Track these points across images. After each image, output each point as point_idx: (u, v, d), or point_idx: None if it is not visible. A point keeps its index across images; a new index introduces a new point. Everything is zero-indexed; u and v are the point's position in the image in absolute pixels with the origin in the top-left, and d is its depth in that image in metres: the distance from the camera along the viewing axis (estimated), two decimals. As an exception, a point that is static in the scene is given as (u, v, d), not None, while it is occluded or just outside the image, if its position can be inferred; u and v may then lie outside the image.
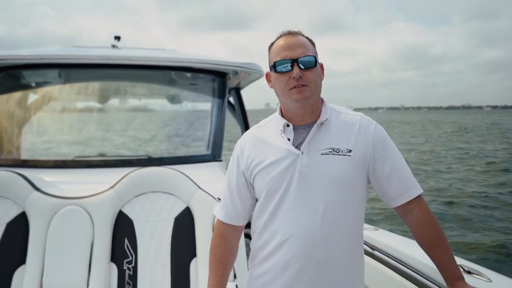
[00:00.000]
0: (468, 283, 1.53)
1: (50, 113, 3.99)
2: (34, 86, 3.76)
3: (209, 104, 3.81)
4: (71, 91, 3.88)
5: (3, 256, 2.19)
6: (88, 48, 3.88)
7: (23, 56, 3.25)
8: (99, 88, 4.07)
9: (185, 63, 3.43)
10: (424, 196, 1.59)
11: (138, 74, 3.78)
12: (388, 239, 2.45)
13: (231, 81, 4.02)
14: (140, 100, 4.91)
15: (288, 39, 1.53)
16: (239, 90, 4.97)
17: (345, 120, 1.58)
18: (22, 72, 3.49)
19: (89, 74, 3.71)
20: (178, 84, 3.94)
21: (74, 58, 3.27)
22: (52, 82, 3.68)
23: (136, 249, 2.30)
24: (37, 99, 3.80)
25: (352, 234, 1.53)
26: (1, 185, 2.30)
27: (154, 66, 3.44)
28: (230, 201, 1.67)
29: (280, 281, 1.52)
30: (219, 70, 3.59)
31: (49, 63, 3.32)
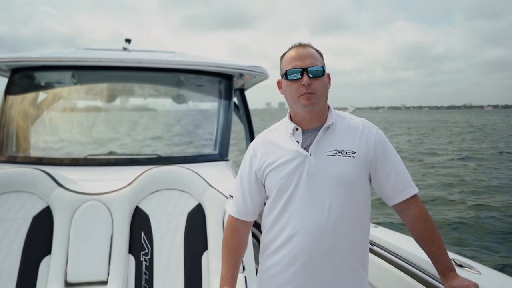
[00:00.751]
0: (459, 275, 1.69)
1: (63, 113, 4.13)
2: (48, 87, 3.89)
3: (216, 105, 3.94)
4: (84, 92, 4.01)
5: (30, 246, 2.36)
6: (100, 50, 4.02)
7: (39, 58, 3.38)
8: (110, 89, 4.21)
9: (193, 66, 3.56)
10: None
11: (148, 76, 3.92)
12: (387, 235, 2.59)
13: (236, 82, 4.14)
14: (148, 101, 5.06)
15: (299, 50, 1.68)
16: (243, 91, 5.10)
17: (349, 125, 1.73)
18: (37, 74, 3.63)
19: (102, 76, 3.86)
20: (186, 85, 4.07)
21: (89, 61, 3.41)
22: (66, 83, 3.81)
23: (152, 242, 2.46)
24: (51, 100, 3.93)
25: (356, 229, 1.66)
26: (27, 182, 2.47)
27: (164, 68, 3.59)
28: (242, 199, 1.82)
29: (289, 271, 1.66)
30: (225, 73, 3.72)
31: (64, 65, 3.47)
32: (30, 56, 3.40)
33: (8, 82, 3.47)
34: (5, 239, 2.34)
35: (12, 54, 3.49)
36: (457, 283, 1.64)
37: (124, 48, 4.04)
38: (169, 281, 2.37)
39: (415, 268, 2.10)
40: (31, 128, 3.79)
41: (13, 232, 2.37)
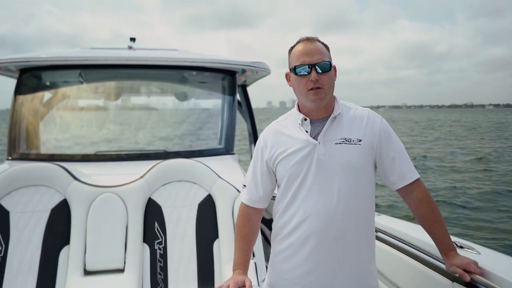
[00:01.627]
0: (459, 253, 1.79)
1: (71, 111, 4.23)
2: (56, 86, 3.98)
3: (220, 100, 4.04)
4: (91, 90, 4.10)
5: (50, 237, 2.46)
6: (105, 49, 4.11)
7: (46, 58, 3.47)
8: (116, 87, 4.30)
9: (198, 63, 3.65)
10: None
11: (153, 74, 4.02)
12: (389, 222, 2.69)
13: (238, 78, 4.23)
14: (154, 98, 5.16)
15: (307, 45, 1.75)
16: (245, 87, 5.20)
17: (355, 115, 1.82)
18: (45, 73, 3.72)
19: (108, 74, 3.95)
20: (191, 82, 4.16)
21: (95, 60, 3.51)
22: (73, 82, 3.90)
23: (165, 231, 2.56)
24: (59, 98, 4.02)
25: (363, 212, 1.76)
26: (45, 176, 2.57)
27: (169, 66, 3.68)
28: (254, 187, 1.91)
29: (300, 254, 1.75)
30: (229, 69, 3.81)
31: (71, 65, 3.56)
32: (38, 56, 3.49)
33: (17, 82, 3.57)
34: (25, 230, 2.45)
35: (20, 55, 3.58)
36: (458, 261, 1.74)
37: (129, 46, 4.13)
38: (183, 268, 2.47)
39: (418, 250, 2.20)
40: (40, 126, 3.88)
41: (33, 224, 2.47)
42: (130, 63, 3.55)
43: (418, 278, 2.15)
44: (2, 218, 2.45)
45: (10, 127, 3.45)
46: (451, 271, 1.79)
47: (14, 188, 2.53)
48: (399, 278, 2.40)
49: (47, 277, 2.37)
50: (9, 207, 2.49)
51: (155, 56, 3.63)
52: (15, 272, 2.36)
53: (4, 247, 2.39)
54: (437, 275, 1.97)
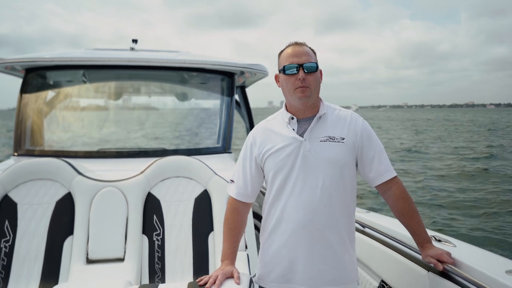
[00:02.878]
0: (434, 245, 1.94)
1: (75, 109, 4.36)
2: (60, 86, 4.09)
3: (218, 101, 4.17)
4: (94, 90, 4.23)
5: (55, 228, 2.62)
6: (108, 50, 4.24)
7: (51, 58, 3.60)
8: (119, 87, 4.44)
9: (197, 64, 3.77)
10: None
11: (154, 75, 4.14)
12: (376, 218, 2.84)
13: (237, 80, 4.33)
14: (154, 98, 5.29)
15: (295, 48, 1.90)
16: (244, 88, 5.32)
17: (339, 115, 1.95)
18: (50, 73, 3.84)
19: (111, 75, 4.08)
20: (190, 83, 4.28)
21: (99, 60, 3.63)
22: (77, 82, 4.02)
23: (163, 223, 2.71)
24: (64, 97, 4.14)
25: (345, 206, 1.89)
26: (51, 170, 2.72)
27: (170, 67, 3.81)
28: (243, 182, 2.02)
29: (286, 246, 1.88)
30: (227, 71, 3.94)
31: (75, 65, 3.69)
32: (43, 56, 3.61)
33: (23, 81, 3.69)
34: (32, 221, 2.60)
35: (26, 55, 3.70)
36: (432, 252, 1.89)
37: (132, 48, 4.26)
38: (179, 258, 2.62)
39: (398, 243, 2.34)
40: (45, 124, 4.01)
41: (39, 215, 2.63)
42: (132, 64, 3.66)
43: (398, 269, 2.30)
44: (11, 209, 2.61)
45: (16, 125, 3.58)
46: (426, 261, 1.92)
47: (21, 181, 2.68)
48: (381, 268, 2.54)
49: (52, 265, 2.52)
50: (17, 199, 2.64)
51: (156, 58, 3.75)
52: (22, 260, 2.51)
53: (12, 237, 2.55)
54: (415, 266, 2.11)
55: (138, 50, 4.21)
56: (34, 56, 3.60)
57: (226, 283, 1.85)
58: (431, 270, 1.98)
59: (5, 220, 2.58)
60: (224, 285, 1.83)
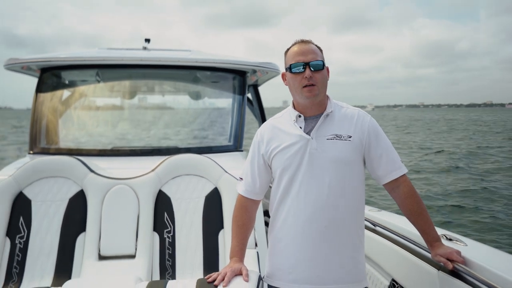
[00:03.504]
0: (443, 244, 1.92)
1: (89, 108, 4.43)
2: (75, 85, 4.17)
3: (230, 100, 4.19)
4: (108, 89, 4.29)
5: (68, 225, 2.67)
6: (121, 50, 4.29)
7: (66, 58, 3.67)
8: (132, 86, 4.49)
9: (209, 63, 3.78)
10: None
11: (166, 74, 4.18)
12: (388, 217, 2.82)
13: (250, 78, 4.35)
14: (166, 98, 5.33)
15: (302, 46, 1.89)
16: (256, 87, 5.33)
17: (346, 113, 1.94)
18: (65, 72, 3.91)
19: (123, 74, 4.14)
20: (202, 82, 4.31)
21: (112, 60, 3.68)
22: (91, 81, 4.08)
23: (174, 221, 2.74)
24: (78, 96, 4.21)
25: (352, 204, 1.88)
26: (64, 168, 2.78)
27: (182, 66, 3.85)
28: (251, 180, 2.03)
29: (293, 244, 1.88)
30: (239, 69, 3.95)
31: (89, 64, 3.75)
32: (58, 56, 3.68)
33: (38, 80, 3.76)
34: (45, 218, 2.66)
35: (41, 55, 3.77)
36: (442, 250, 1.87)
37: (144, 47, 4.31)
38: (190, 255, 2.65)
39: (409, 241, 2.32)
40: (60, 122, 4.08)
41: (52, 212, 2.68)
42: (144, 63, 3.70)
43: (408, 268, 2.28)
44: (25, 206, 2.67)
45: (32, 123, 3.65)
46: (436, 260, 1.91)
47: (35, 178, 2.74)
48: (392, 267, 2.53)
49: (65, 260, 2.57)
50: (31, 196, 2.70)
51: (168, 57, 3.78)
52: (36, 255, 2.57)
53: (26, 233, 2.61)
54: (425, 265, 2.09)
55: (150, 50, 4.25)
56: (49, 56, 3.67)
57: (235, 281, 1.86)
58: (441, 269, 1.96)
59: (19, 216, 2.64)
60: (232, 283, 1.84)
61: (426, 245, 1.98)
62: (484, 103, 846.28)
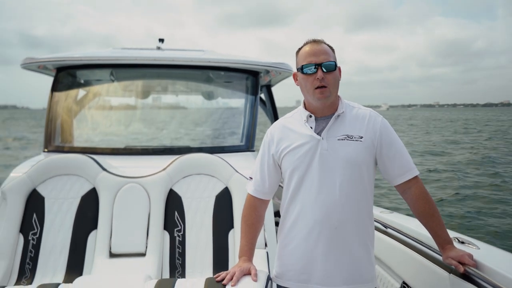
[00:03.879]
0: (455, 246, 1.89)
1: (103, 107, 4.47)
2: (89, 84, 4.21)
3: (243, 100, 4.18)
4: (122, 88, 4.33)
5: (80, 222, 2.70)
6: (135, 49, 4.33)
7: (80, 57, 3.70)
8: (145, 86, 4.52)
9: (222, 63, 3.78)
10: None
11: (180, 73, 4.20)
12: (400, 219, 2.79)
13: (263, 79, 4.34)
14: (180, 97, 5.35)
15: (313, 46, 1.88)
16: (270, 87, 5.33)
17: (358, 113, 1.93)
18: (80, 72, 3.94)
19: (137, 74, 4.16)
20: (215, 82, 4.32)
21: (126, 59, 3.70)
22: (105, 80, 4.12)
23: (184, 220, 2.75)
24: (92, 96, 4.25)
25: (362, 204, 1.87)
26: (77, 166, 2.81)
27: (195, 66, 3.86)
28: (260, 179, 2.04)
29: (304, 245, 1.87)
30: (252, 70, 3.94)
31: (103, 64, 3.79)
32: (73, 55, 3.72)
33: (54, 80, 3.79)
34: (58, 215, 2.70)
35: (57, 54, 3.82)
36: (453, 253, 1.85)
37: (158, 47, 4.33)
38: (199, 254, 2.66)
39: (420, 244, 2.30)
40: (74, 121, 4.13)
41: (65, 210, 2.72)
42: (157, 63, 3.72)
43: (419, 270, 2.26)
44: (38, 203, 2.71)
45: (47, 122, 3.69)
46: (447, 263, 1.89)
47: (49, 176, 2.78)
48: (403, 270, 2.50)
49: (77, 257, 2.61)
50: (44, 193, 2.75)
51: (181, 57, 3.79)
52: (49, 252, 2.60)
53: (39, 230, 2.65)
54: (436, 267, 2.07)
55: (164, 49, 4.27)
56: (64, 55, 3.71)
57: (243, 280, 1.86)
58: (452, 272, 1.94)
59: (33, 213, 2.68)
60: (241, 282, 1.85)
61: (437, 247, 1.96)
62: (501, 103, 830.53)
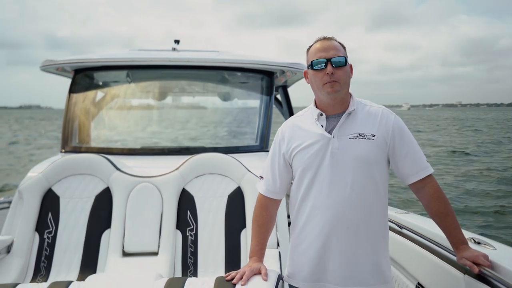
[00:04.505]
0: (470, 247, 1.84)
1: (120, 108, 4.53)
2: (106, 86, 4.27)
3: (258, 100, 4.18)
4: (138, 89, 4.37)
5: (94, 221, 2.74)
6: (151, 51, 4.37)
7: (97, 59, 3.75)
8: (161, 86, 4.56)
9: (236, 64, 3.78)
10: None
11: (195, 74, 4.21)
12: (415, 220, 2.74)
13: (279, 79, 4.33)
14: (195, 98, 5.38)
15: (323, 43, 1.86)
16: (286, 88, 5.31)
17: (370, 111, 1.90)
18: (97, 73, 4.00)
19: (153, 75, 4.20)
20: (230, 83, 4.32)
21: (141, 61, 3.74)
22: (122, 82, 4.17)
23: (197, 219, 2.76)
24: (109, 97, 4.31)
25: (375, 205, 1.83)
26: (91, 166, 2.85)
27: (209, 66, 3.87)
28: (271, 179, 2.01)
29: (316, 246, 1.85)
30: (267, 70, 3.93)
31: (120, 65, 3.83)
32: (90, 57, 3.77)
33: (71, 81, 3.85)
34: (72, 214, 2.74)
35: (75, 56, 3.89)
36: (468, 254, 1.80)
37: (173, 48, 4.36)
38: (212, 253, 2.66)
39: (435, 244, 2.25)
40: (91, 122, 4.19)
41: (79, 209, 2.76)
42: (172, 63, 3.74)
43: (434, 271, 2.21)
44: (54, 202, 2.76)
45: (64, 123, 3.76)
46: (461, 264, 1.84)
47: (64, 176, 2.83)
48: (418, 271, 2.46)
49: (91, 256, 2.64)
50: (60, 192, 2.79)
51: (196, 57, 3.81)
52: (63, 250, 2.65)
53: (54, 228, 2.70)
54: (451, 268, 2.02)
55: (179, 50, 4.30)
56: (81, 57, 3.77)
57: (253, 280, 1.84)
58: (467, 273, 1.89)
59: (48, 212, 2.73)
60: (251, 281, 1.83)
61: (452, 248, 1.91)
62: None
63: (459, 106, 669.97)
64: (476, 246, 1.99)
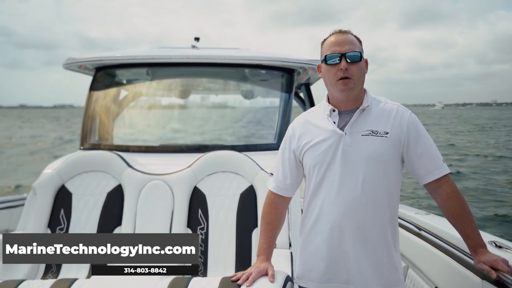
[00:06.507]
0: (489, 251, 1.72)
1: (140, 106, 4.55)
2: (126, 83, 4.30)
3: (277, 98, 4.11)
4: (158, 87, 4.39)
5: (105, 218, 2.73)
6: (171, 48, 4.37)
7: (118, 57, 3.78)
8: (180, 84, 4.56)
9: (255, 61, 3.74)
10: None
11: (214, 72, 4.19)
12: (435, 221, 2.61)
13: (301, 76, 4.26)
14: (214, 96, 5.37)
15: (338, 36, 1.78)
16: (308, 86, 5.22)
17: (384, 108, 1.81)
18: (117, 71, 4.02)
19: (173, 72, 4.20)
20: (249, 80, 4.27)
21: (161, 58, 3.73)
22: (142, 79, 4.19)
23: (208, 218, 2.72)
24: (129, 94, 4.33)
25: (388, 204, 1.76)
26: (103, 163, 2.85)
27: (228, 64, 3.83)
28: (282, 175, 1.95)
29: (326, 243, 1.78)
30: (286, 67, 3.86)
31: (140, 63, 3.84)
32: (111, 55, 3.80)
33: (92, 79, 3.89)
34: (84, 211, 2.74)
35: (96, 54, 3.93)
36: (486, 258, 1.69)
37: (193, 46, 4.35)
38: (222, 252, 2.61)
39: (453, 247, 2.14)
40: (111, 120, 4.22)
41: (91, 205, 2.76)
42: (191, 61, 3.72)
43: (452, 275, 2.11)
44: (66, 199, 2.77)
45: (84, 120, 3.80)
46: (478, 268, 1.75)
47: (76, 173, 2.84)
48: (436, 274, 2.36)
49: None
50: (72, 189, 2.80)
51: (215, 55, 3.78)
52: None
53: (66, 225, 2.71)
54: (469, 273, 1.93)
55: (199, 48, 4.28)
56: (102, 55, 3.80)
57: (259, 281, 1.79)
58: (485, 278, 1.78)
59: (61, 209, 2.74)
60: (256, 283, 1.77)
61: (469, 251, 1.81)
62: None
63: (494, 105, 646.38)
64: (497, 250, 1.88)
